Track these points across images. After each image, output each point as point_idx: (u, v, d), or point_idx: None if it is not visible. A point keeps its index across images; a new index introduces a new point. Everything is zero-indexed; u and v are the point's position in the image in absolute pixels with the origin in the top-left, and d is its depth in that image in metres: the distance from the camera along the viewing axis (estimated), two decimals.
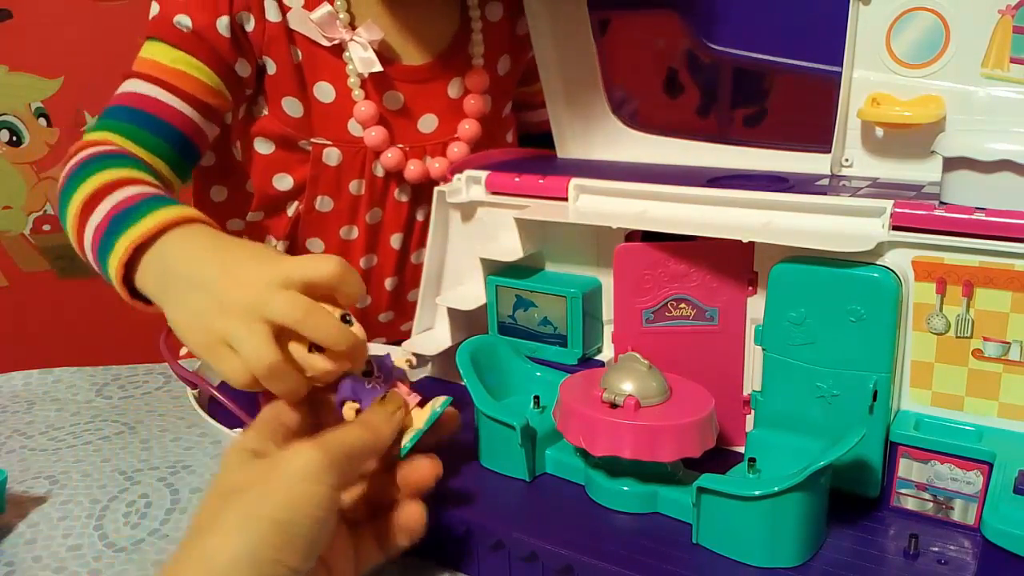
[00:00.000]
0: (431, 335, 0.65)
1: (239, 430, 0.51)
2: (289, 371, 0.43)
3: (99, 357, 0.87)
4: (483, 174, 0.59)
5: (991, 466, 0.43)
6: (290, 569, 0.36)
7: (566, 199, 0.56)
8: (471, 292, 0.61)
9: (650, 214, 0.53)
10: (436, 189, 0.61)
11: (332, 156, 0.74)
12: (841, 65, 0.54)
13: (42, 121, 1.35)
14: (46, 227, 1.41)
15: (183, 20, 0.67)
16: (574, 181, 0.56)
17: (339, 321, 0.44)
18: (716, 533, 0.43)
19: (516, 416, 0.49)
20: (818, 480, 0.41)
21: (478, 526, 0.46)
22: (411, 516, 0.44)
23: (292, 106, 0.72)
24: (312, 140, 0.73)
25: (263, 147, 0.74)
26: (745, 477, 0.45)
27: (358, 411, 0.45)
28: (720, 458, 0.52)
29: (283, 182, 0.75)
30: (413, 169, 0.75)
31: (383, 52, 0.73)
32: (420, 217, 0.80)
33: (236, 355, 0.43)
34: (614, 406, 0.46)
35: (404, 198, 0.78)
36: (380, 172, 0.76)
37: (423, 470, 0.45)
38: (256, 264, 0.46)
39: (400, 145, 0.75)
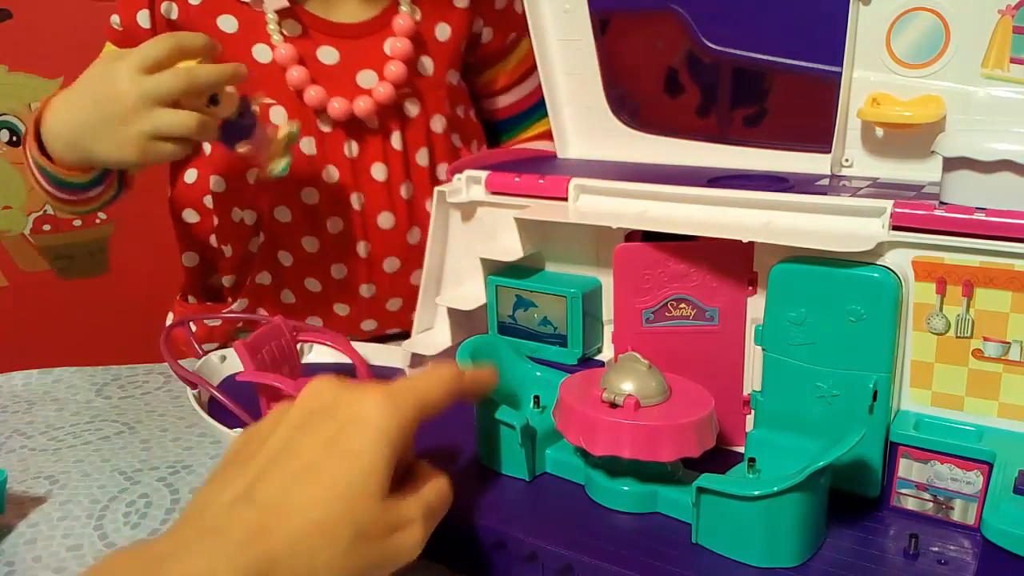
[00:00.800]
0: (431, 335, 0.65)
1: (239, 430, 0.51)
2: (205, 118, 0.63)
3: (99, 357, 0.87)
4: (483, 174, 0.59)
5: (991, 466, 0.43)
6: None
7: (566, 199, 0.56)
8: (471, 292, 0.61)
9: (650, 214, 0.53)
10: (436, 189, 0.61)
11: (279, 115, 0.79)
12: (841, 65, 0.54)
13: None
14: (46, 227, 1.41)
15: (115, 19, 0.80)
16: (574, 181, 0.56)
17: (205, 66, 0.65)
18: (715, 533, 0.43)
19: (516, 416, 0.49)
20: (817, 480, 0.41)
21: (479, 526, 0.46)
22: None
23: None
24: (261, 100, 0.76)
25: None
26: (745, 477, 0.45)
27: (246, 143, 0.68)
28: (720, 458, 0.52)
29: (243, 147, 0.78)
30: (337, 106, 0.78)
31: (317, 8, 0.79)
32: (378, 176, 0.82)
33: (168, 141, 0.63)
34: (614, 406, 0.46)
35: (353, 154, 0.81)
36: (327, 128, 0.80)
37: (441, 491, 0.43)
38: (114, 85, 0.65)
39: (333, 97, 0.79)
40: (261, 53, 0.78)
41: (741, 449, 0.53)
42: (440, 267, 0.64)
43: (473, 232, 0.62)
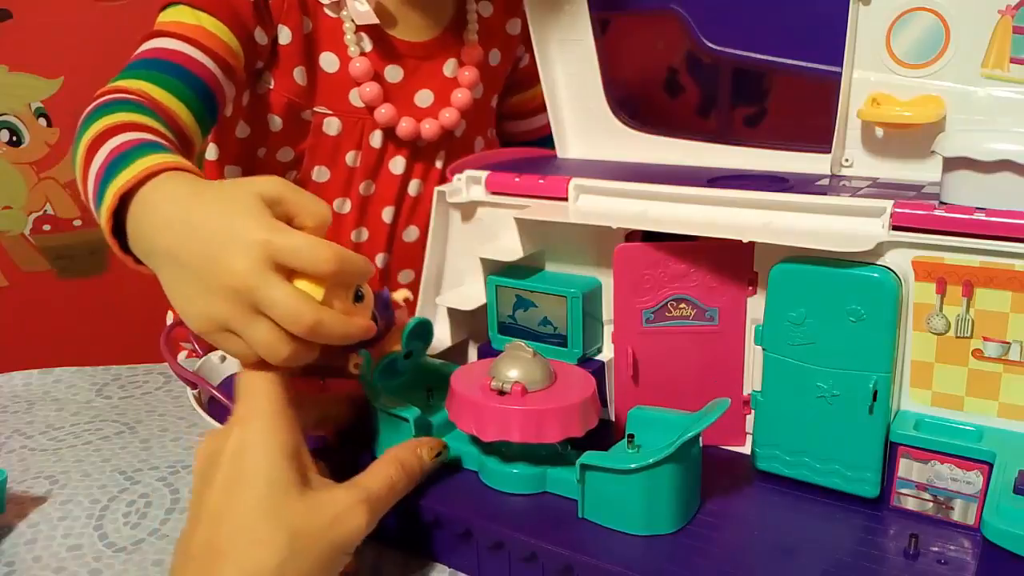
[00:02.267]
0: None
1: None
2: (320, 324, 0.42)
3: (99, 357, 0.87)
4: (483, 174, 0.59)
5: (991, 466, 0.43)
6: None
7: (566, 199, 0.56)
8: (471, 292, 0.61)
9: (650, 214, 0.53)
10: (436, 189, 0.61)
11: (332, 126, 0.76)
12: (841, 65, 0.54)
13: (42, 121, 1.35)
14: (46, 227, 1.41)
15: None
16: (574, 181, 0.56)
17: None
18: (599, 507, 0.45)
19: (409, 410, 0.50)
20: (689, 451, 0.44)
21: (477, 526, 0.47)
22: None
23: (300, 75, 0.74)
24: (314, 109, 0.75)
25: (267, 122, 0.76)
26: (625, 452, 0.46)
27: (368, 347, 0.49)
28: (719, 458, 0.52)
29: (284, 154, 0.77)
30: (405, 126, 0.77)
31: (385, 25, 0.76)
32: (412, 191, 0.82)
33: (240, 338, 0.43)
34: (502, 393, 0.47)
35: (397, 171, 0.80)
36: (376, 143, 0.78)
37: None
38: (237, 234, 0.42)
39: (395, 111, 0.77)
40: (328, 62, 0.75)
41: (741, 449, 0.53)
42: (440, 267, 0.64)
43: (473, 232, 0.62)
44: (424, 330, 0.53)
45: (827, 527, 0.45)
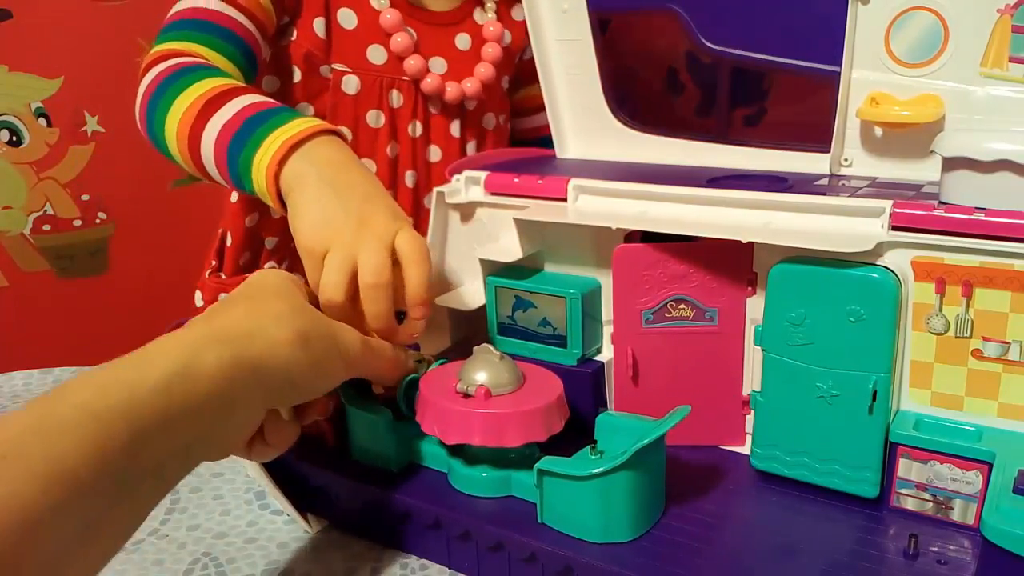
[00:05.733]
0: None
1: None
2: (387, 294, 0.49)
3: (99, 357, 0.86)
4: (482, 175, 0.59)
5: (991, 466, 0.43)
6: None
7: (565, 199, 0.56)
8: (470, 293, 0.61)
9: (650, 214, 0.53)
10: (435, 190, 0.61)
11: (351, 84, 0.78)
12: (840, 65, 0.54)
13: (42, 121, 1.35)
14: (46, 227, 1.41)
15: None
16: (573, 181, 0.56)
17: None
18: (557, 512, 0.45)
19: (380, 409, 0.51)
20: (647, 458, 0.43)
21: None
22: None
23: (320, 27, 0.76)
24: (332, 66, 0.77)
25: (290, 74, 0.77)
26: (588, 459, 0.46)
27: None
28: (719, 458, 0.52)
29: (305, 111, 0.78)
30: (430, 81, 0.80)
31: None
32: (432, 158, 0.83)
33: (336, 269, 0.49)
34: (467, 396, 0.47)
35: (418, 132, 0.82)
36: (395, 103, 0.80)
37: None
38: (385, 204, 0.53)
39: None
40: (346, 18, 0.78)
41: (741, 449, 0.53)
42: (440, 267, 0.64)
43: (472, 233, 0.61)
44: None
45: (826, 527, 0.45)
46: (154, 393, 0.35)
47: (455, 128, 0.85)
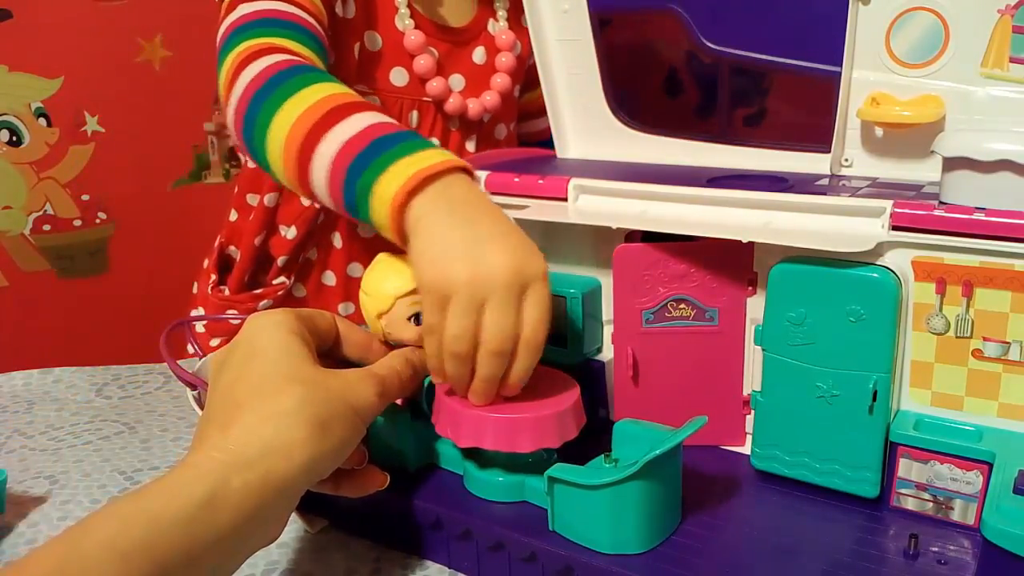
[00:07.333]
0: None
1: None
2: (504, 363, 0.45)
3: (99, 357, 0.87)
4: (483, 174, 0.59)
5: (991, 466, 0.43)
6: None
7: (566, 199, 0.56)
8: None
9: (650, 214, 0.53)
10: None
11: None
12: (841, 65, 0.54)
13: (42, 121, 1.35)
14: (46, 227, 1.41)
15: None
16: (574, 181, 0.56)
17: None
18: (567, 521, 0.44)
19: (399, 409, 0.51)
20: (660, 469, 0.42)
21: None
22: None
23: (357, 51, 0.76)
24: (355, 87, 0.75)
25: None
26: (602, 467, 0.45)
27: None
28: (719, 458, 0.52)
29: None
30: (453, 102, 0.80)
31: (426, 8, 0.79)
32: None
33: (462, 313, 0.44)
34: None
35: None
36: (413, 122, 0.81)
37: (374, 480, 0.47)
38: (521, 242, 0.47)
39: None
40: (372, 41, 0.78)
41: (740, 449, 0.53)
42: None
43: None
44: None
45: (827, 527, 0.45)
46: (177, 526, 0.34)
47: (471, 144, 0.85)
